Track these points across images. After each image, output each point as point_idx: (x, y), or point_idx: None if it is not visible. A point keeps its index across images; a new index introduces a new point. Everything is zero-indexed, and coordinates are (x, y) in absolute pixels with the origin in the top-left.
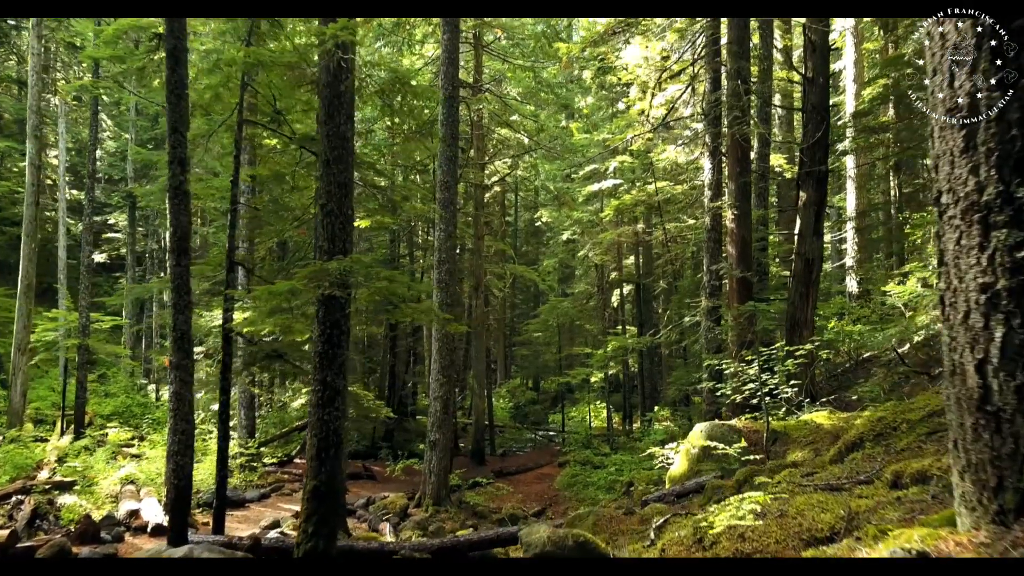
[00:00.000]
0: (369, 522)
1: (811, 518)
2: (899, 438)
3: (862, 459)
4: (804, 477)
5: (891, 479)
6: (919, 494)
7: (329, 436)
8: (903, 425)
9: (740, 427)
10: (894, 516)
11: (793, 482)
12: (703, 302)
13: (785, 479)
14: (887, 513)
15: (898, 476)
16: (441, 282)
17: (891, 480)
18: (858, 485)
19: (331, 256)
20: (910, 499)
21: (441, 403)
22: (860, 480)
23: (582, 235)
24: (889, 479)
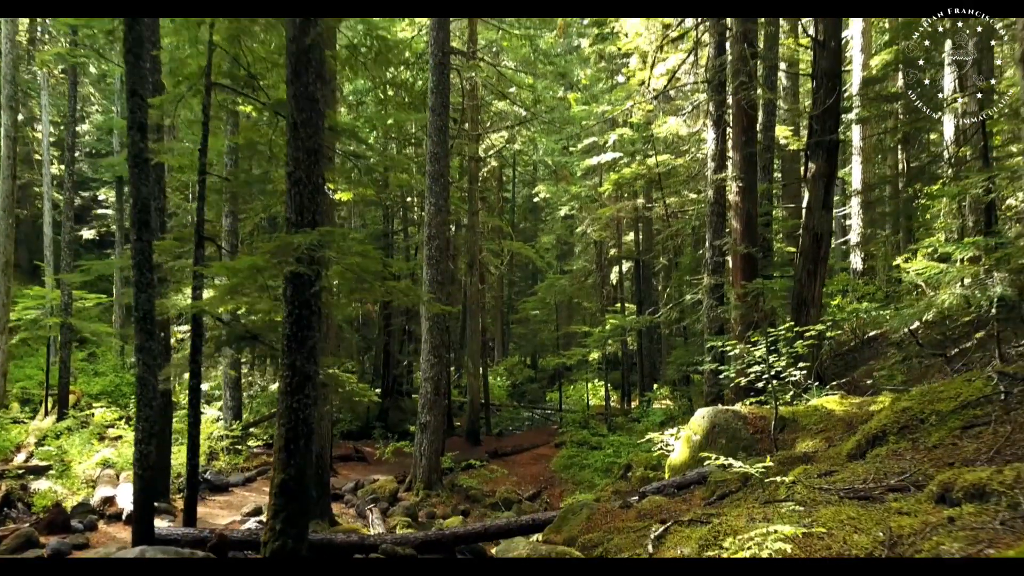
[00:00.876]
0: (356, 507)
1: (842, 540)
2: (929, 432)
3: (887, 456)
4: (822, 477)
5: (937, 491)
6: (977, 516)
7: (299, 426)
8: (932, 417)
9: (745, 413)
10: (952, 546)
11: (811, 484)
12: (705, 279)
13: (801, 478)
14: (942, 540)
15: (946, 489)
16: (431, 259)
17: (938, 493)
18: (890, 493)
19: (299, 229)
20: (967, 522)
21: (432, 384)
22: (892, 487)
23: (580, 211)
24: (935, 491)
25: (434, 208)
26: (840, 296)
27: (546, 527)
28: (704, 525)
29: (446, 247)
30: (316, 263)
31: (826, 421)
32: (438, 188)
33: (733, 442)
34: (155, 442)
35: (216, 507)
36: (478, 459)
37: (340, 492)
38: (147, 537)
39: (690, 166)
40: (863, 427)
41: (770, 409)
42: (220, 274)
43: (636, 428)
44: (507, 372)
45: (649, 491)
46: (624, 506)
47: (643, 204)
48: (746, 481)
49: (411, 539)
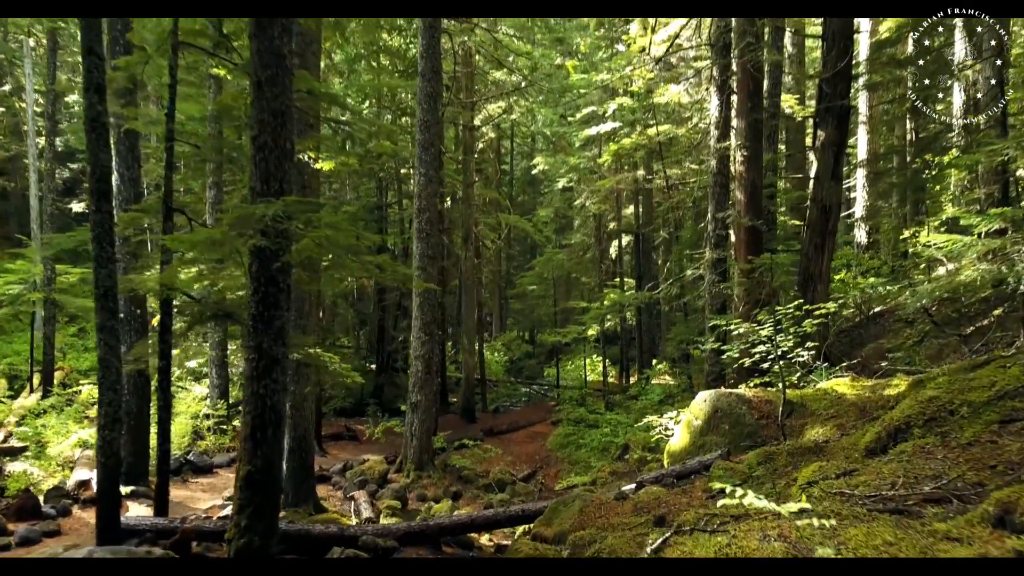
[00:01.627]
0: (344, 490)
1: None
2: (961, 426)
3: (915, 454)
4: (842, 478)
5: (995, 512)
6: None
7: (266, 413)
8: (963, 408)
9: (749, 396)
10: None
11: (830, 488)
12: (707, 254)
13: (817, 478)
14: None
15: (1007, 510)
16: (422, 232)
17: (995, 514)
18: (928, 505)
19: (266, 199)
20: None
21: (423, 362)
22: (928, 496)
23: (579, 183)
24: (992, 512)
25: (424, 179)
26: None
27: (536, 519)
28: (709, 535)
29: (438, 220)
30: (282, 236)
31: (836, 406)
32: (428, 158)
33: (736, 428)
34: (121, 427)
35: (199, 489)
36: (472, 437)
37: (328, 473)
38: (112, 528)
39: (691, 136)
40: (884, 417)
41: (776, 392)
42: (175, 248)
43: (634, 407)
44: (505, 347)
45: (647, 480)
46: (619, 497)
47: (643, 176)
48: (751, 473)
49: (393, 530)
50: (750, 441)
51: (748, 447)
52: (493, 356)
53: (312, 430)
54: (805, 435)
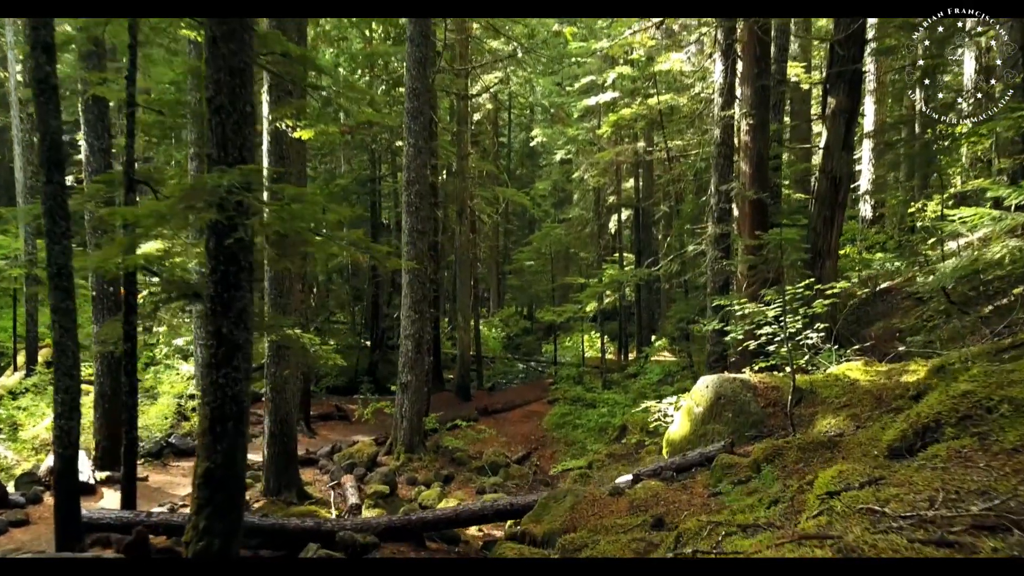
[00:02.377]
0: (331, 474)
1: None
2: (1002, 427)
3: (950, 459)
4: (868, 488)
5: None
6: None
7: (226, 404)
8: (1003, 406)
9: (754, 382)
10: None
11: (854, 504)
12: (709, 228)
13: (838, 486)
14: None
15: None
16: (411, 205)
17: None
18: (981, 532)
19: (224, 167)
20: None
21: (413, 342)
22: (978, 520)
23: (577, 155)
24: None
25: (414, 150)
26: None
27: (526, 513)
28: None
29: (430, 193)
30: (241, 210)
31: (849, 393)
32: (417, 127)
33: (741, 417)
34: (79, 416)
35: (179, 474)
36: (466, 417)
37: (315, 456)
38: (70, 523)
39: (694, 106)
40: (910, 412)
41: (783, 378)
42: (112, 220)
43: (632, 386)
44: (502, 323)
45: (644, 473)
46: (614, 492)
47: (643, 147)
48: (758, 469)
49: (373, 525)
50: (755, 431)
51: (753, 437)
52: (491, 332)
53: (294, 413)
54: (816, 425)
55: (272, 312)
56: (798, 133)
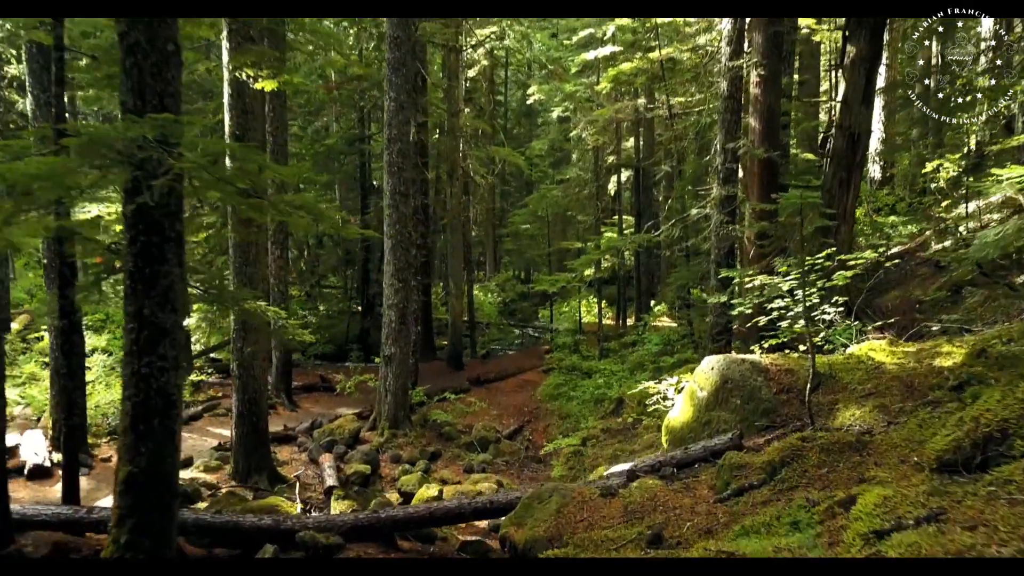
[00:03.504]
0: (310, 452)
1: None
2: None
3: None
4: (927, 525)
5: None
6: None
7: (151, 398)
8: None
9: (766, 364)
10: None
11: (912, 552)
12: (714, 190)
13: (885, 522)
14: None
15: None
16: (392, 165)
17: None
18: None
19: (142, 117)
20: None
21: (397, 312)
22: None
23: (575, 112)
24: None
25: (395, 104)
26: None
27: (506, 512)
28: None
29: (411, 152)
30: (159, 168)
31: (875, 379)
32: (399, 80)
33: (750, 404)
34: (4, 402)
35: None
36: (457, 389)
37: (293, 433)
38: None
39: (697, 60)
40: (963, 416)
41: (799, 359)
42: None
43: (630, 356)
44: (499, 288)
45: (641, 469)
46: (607, 493)
47: (644, 104)
48: (774, 473)
49: (338, 523)
50: (767, 420)
51: (765, 428)
52: (487, 297)
53: (264, 391)
54: (837, 417)
55: (237, 282)
56: (806, 89)
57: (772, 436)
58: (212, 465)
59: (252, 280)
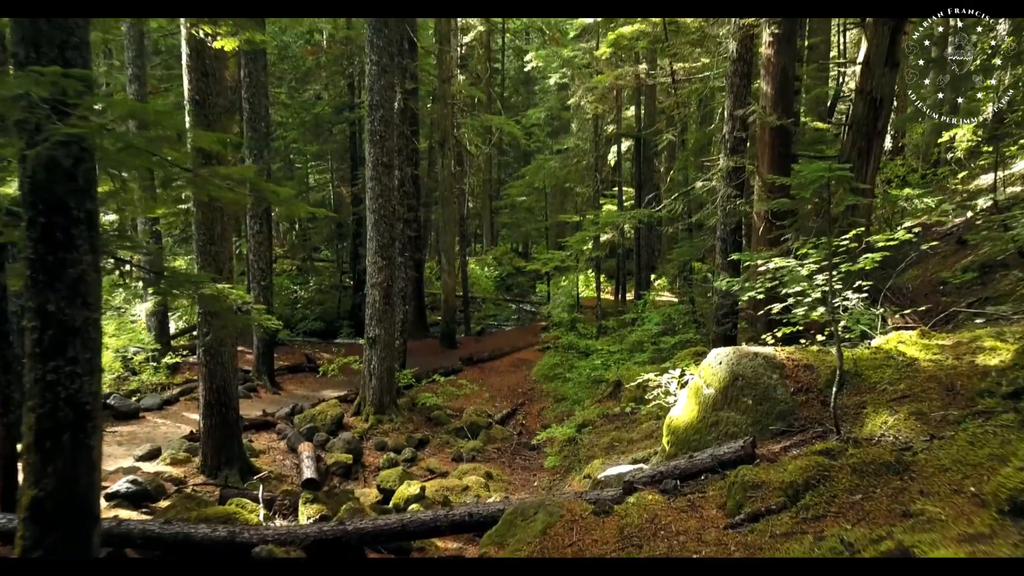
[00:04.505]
0: (289, 440)
1: None
2: None
3: None
4: None
5: None
6: None
7: (60, 409)
8: None
9: (781, 359)
10: None
11: None
12: (721, 161)
13: None
14: None
15: None
16: (375, 134)
17: None
18: None
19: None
20: None
21: (381, 291)
22: None
23: (573, 79)
24: None
25: (377, 68)
26: None
27: (487, 526)
28: None
29: (395, 119)
30: (47, 132)
31: (908, 378)
32: (381, 41)
33: (764, 404)
34: None
35: (114, 442)
36: (448, 370)
37: (273, 419)
38: None
39: (703, 22)
40: None
41: (818, 353)
42: None
43: (629, 336)
44: (496, 262)
45: (640, 480)
46: (600, 511)
47: (645, 71)
48: (796, 497)
49: (300, 536)
50: (783, 424)
51: (781, 433)
52: (483, 272)
53: (234, 379)
54: (866, 424)
55: (201, 262)
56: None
57: (790, 443)
58: (180, 457)
59: (218, 259)
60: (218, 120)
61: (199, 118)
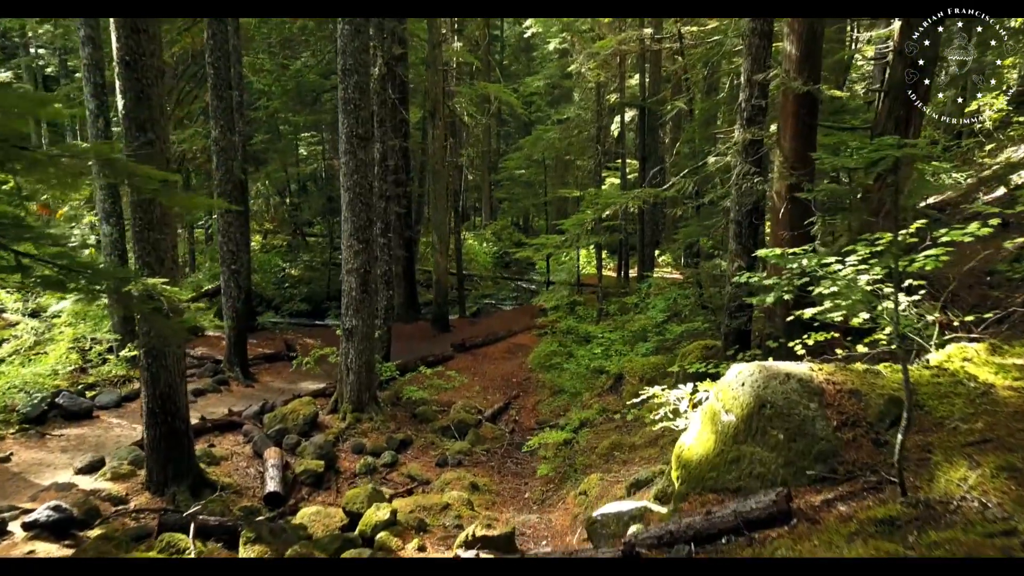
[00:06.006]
0: (255, 444)
1: None
2: None
3: None
4: None
5: None
6: None
7: None
8: None
9: (819, 382)
10: None
11: None
12: (736, 133)
13: None
14: None
15: None
16: (348, 103)
17: None
18: None
19: None
20: None
21: (357, 278)
22: None
23: (574, 44)
24: None
25: (350, 28)
26: None
27: None
28: None
29: (372, 86)
30: None
31: (986, 413)
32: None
33: (799, 441)
34: None
35: (58, 447)
36: (439, 356)
37: (239, 418)
38: None
39: None
40: None
41: (865, 375)
42: None
43: (631, 325)
44: (495, 237)
45: (643, 540)
46: None
47: (651, 35)
48: None
49: None
50: (824, 468)
51: (821, 480)
52: (481, 247)
53: (181, 383)
54: (937, 479)
55: (139, 251)
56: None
57: (834, 495)
58: (123, 471)
59: (158, 248)
60: (154, 84)
61: (130, 82)
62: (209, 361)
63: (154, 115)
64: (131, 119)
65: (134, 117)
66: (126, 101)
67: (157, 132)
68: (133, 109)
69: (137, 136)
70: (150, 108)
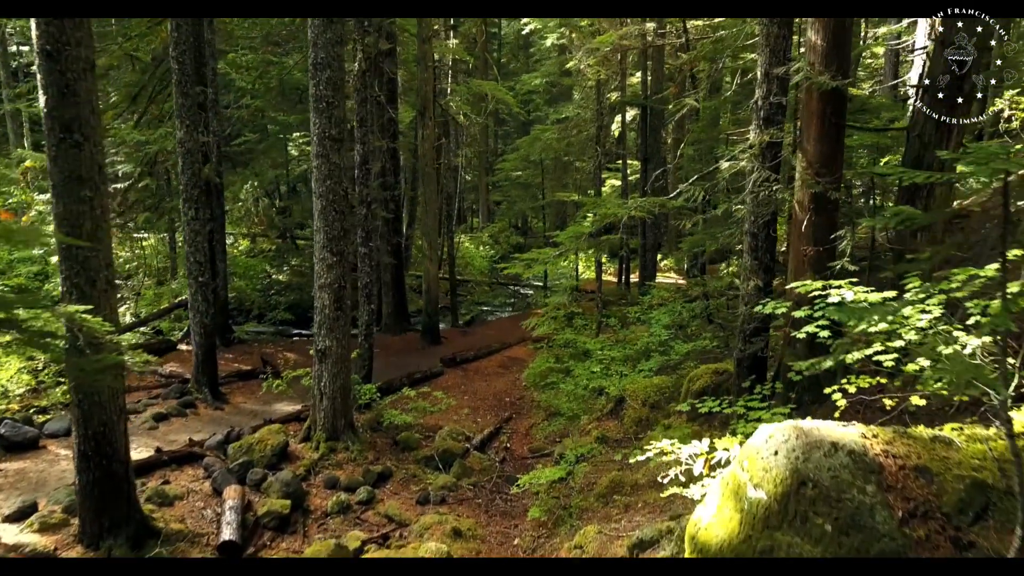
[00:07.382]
0: (215, 480)
1: None
2: None
3: None
4: None
5: None
6: None
7: None
8: None
9: (875, 455)
10: None
11: None
12: (752, 135)
13: None
14: None
15: None
16: (320, 100)
17: None
18: None
19: None
20: None
21: (331, 295)
22: None
23: (573, 39)
24: None
25: (322, 19)
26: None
27: None
28: None
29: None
30: None
31: None
32: None
33: (853, 536)
34: None
35: None
36: (427, 372)
37: (200, 450)
38: None
39: None
40: None
41: (932, 445)
42: None
43: (632, 341)
44: (492, 240)
45: None
46: None
47: (653, 29)
48: None
49: None
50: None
51: None
52: (478, 251)
53: (118, 421)
54: None
55: (65, 270)
56: None
57: None
58: (54, 520)
59: (88, 267)
60: (82, 79)
61: (52, 75)
62: (177, 380)
63: (82, 114)
64: (54, 118)
65: (57, 116)
66: (48, 97)
67: (86, 133)
68: (56, 107)
69: (62, 138)
70: (77, 106)
